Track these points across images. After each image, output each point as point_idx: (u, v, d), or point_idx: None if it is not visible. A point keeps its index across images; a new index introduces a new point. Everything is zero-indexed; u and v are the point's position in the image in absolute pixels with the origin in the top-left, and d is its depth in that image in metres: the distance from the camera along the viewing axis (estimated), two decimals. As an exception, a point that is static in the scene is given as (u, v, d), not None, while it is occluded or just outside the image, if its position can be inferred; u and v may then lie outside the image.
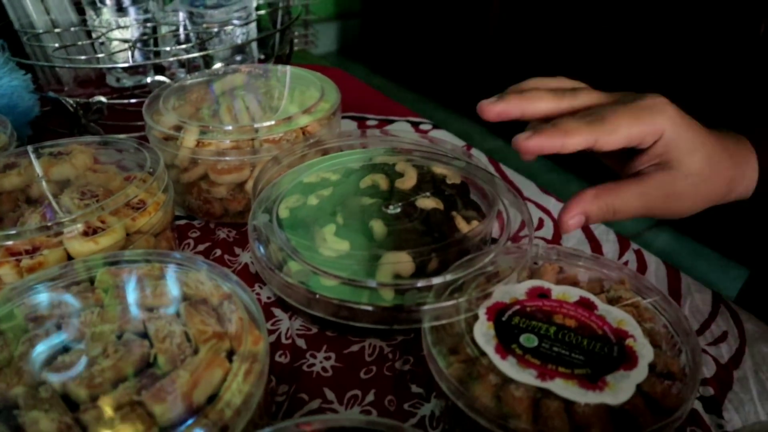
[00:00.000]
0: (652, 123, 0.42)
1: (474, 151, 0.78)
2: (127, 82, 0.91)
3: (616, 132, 0.42)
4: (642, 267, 0.60)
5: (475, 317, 0.41)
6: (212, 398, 0.35)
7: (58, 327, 0.40)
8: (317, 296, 0.43)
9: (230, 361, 0.37)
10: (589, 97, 0.45)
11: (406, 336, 0.50)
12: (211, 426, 0.33)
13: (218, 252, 0.60)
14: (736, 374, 0.49)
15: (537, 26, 2.26)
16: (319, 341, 0.50)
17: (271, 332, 0.50)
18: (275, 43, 0.94)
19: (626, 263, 0.60)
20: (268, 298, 0.54)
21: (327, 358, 0.48)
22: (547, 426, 0.35)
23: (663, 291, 0.45)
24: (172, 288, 0.42)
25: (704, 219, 1.78)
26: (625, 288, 0.44)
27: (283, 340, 0.50)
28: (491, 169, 0.76)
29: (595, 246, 0.62)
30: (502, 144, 2.32)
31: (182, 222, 0.64)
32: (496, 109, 0.46)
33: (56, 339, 0.39)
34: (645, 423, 0.35)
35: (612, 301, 0.43)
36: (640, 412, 0.36)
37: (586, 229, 0.65)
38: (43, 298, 0.42)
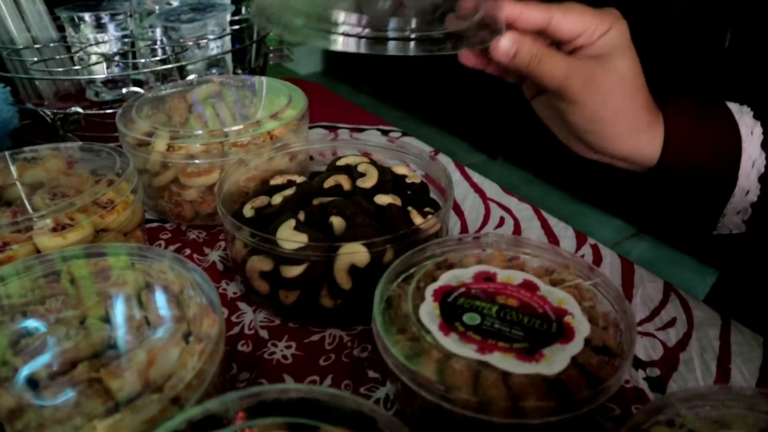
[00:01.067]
0: (602, 18, 0.45)
1: (440, 156, 0.81)
2: (106, 96, 0.93)
3: (569, 14, 0.44)
4: (597, 260, 0.62)
5: (422, 299, 0.43)
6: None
7: (23, 314, 0.41)
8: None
9: (187, 342, 0.39)
10: None
11: (366, 326, 0.52)
12: (163, 399, 0.35)
13: (188, 251, 0.62)
14: (682, 356, 0.51)
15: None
16: (281, 332, 0.51)
17: (234, 324, 0.52)
18: (251, 58, 0.97)
19: (582, 257, 0.63)
20: (234, 293, 0.56)
21: (288, 347, 0.50)
22: (486, 396, 0.36)
23: (611, 279, 0.46)
24: (135, 277, 0.44)
25: (682, 226, 1.80)
26: (568, 271, 0.46)
27: (246, 331, 0.51)
28: (456, 173, 0.79)
29: (554, 241, 0.65)
30: (485, 159, 2.36)
31: (154, 225, 0.66)
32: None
33: (21, 324, 0.40)
34: (579, 392, 0.37)
35: (555, 283, 0.45)
36: (574, 382, 0.37)
37: (545, 225, 0.67)
38: (10, 288, 0.44)
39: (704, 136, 0.50)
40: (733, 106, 0.51)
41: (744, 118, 0.50)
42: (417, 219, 0.53)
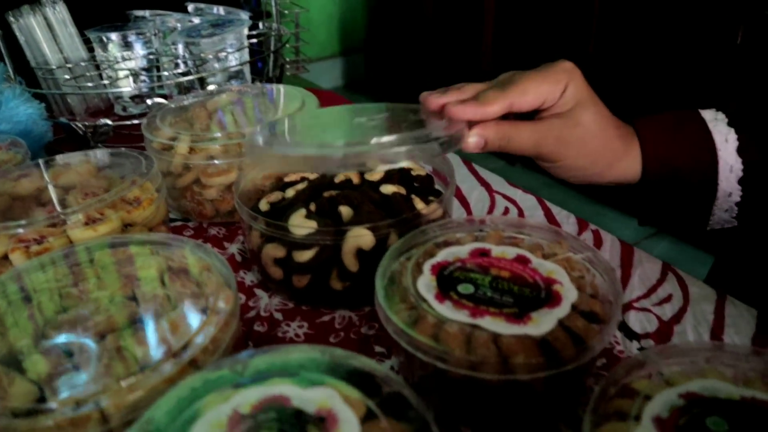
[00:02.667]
0: (557, 80, 0.50)
1: (449, 155, 0.84)
2: (133, 110, 0.99)
3: (527, 93, 0.49)
4: (598, 243, 0.65)
5: (420, 273, 0.46)
6: (188, 345, 0.41)
7: (60, 295, 0.46)
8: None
9: (204, 314, 0.43)
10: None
11: (373, 307, 0.55)
12: (181, 362, 0.38)
13: (209, 245, 0.65)
14: (676, 329, 0.53)
15: (526, 58, 2.34)
16: (294, 313, 0.55)
17: (251, 308, 0.56)
18: (268, 69, 1.02)
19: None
20: (251, 281, 0.60)
21: (300, 327, 0.54)
22: (478, 355, 0.39)
23: (611, 260, 0.49)
24: (158, 261, 0.48)
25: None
26: (560, 246, 0.49)
27: (262, 313, 0.55)
28: (464, 168, 0.82)
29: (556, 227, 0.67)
30: (503, 164, 2.39)
31: (178, 224, 0.71)
32: (439, 101, 0.51)
33: (57, 303, 0.45)
34: (564, 351, 0.40)
35: (547, 257, 0.48)
36: (561, 343, 0.40)
37: (548, 214, 0.70)
38: (49, 275, 0.48)
39: (679, 148, 0.54)
40: (707, 114, 0.55)
41: (718, 126, 0.54)
42: (419, 205, 0.56)
